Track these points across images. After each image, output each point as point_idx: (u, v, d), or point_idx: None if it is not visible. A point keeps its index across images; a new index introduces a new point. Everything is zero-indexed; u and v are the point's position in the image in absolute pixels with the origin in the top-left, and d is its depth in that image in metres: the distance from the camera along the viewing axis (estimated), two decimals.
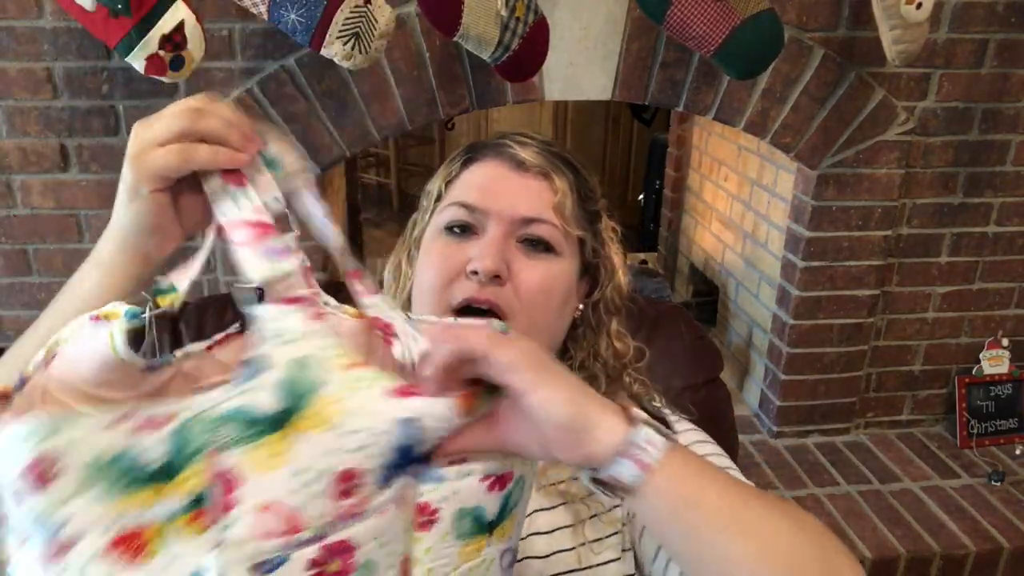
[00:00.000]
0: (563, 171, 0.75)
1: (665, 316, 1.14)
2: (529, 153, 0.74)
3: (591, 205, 0.78)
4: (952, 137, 1.87)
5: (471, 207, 0.72)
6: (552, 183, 0.74)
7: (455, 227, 0.73)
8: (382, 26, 1.35)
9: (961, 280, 2.03)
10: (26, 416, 0.44)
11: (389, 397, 0.49)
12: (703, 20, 1.44)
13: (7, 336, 1.78)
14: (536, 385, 0.47)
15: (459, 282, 0.71)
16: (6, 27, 1.54)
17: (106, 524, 0.44)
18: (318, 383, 0.48)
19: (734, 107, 1.77)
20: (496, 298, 0.70)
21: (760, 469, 1.96)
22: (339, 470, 0.46)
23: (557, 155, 0.76)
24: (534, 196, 0.73)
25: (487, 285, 0.69)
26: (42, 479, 0.43)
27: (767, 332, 2.11)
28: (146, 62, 1.30)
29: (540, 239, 0.73)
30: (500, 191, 0.73)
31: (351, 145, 1.69)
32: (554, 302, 0.74)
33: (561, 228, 0.73)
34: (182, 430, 0.47)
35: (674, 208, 2.91)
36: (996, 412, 2.11)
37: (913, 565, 1.70)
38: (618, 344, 0.81)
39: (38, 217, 1.69)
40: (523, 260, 0.72)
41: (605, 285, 0.80)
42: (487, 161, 0.76)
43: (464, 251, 0.71)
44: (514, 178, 0.73)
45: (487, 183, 0.74)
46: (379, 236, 4.25)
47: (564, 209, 0.73)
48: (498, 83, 1.66)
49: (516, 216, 0.72)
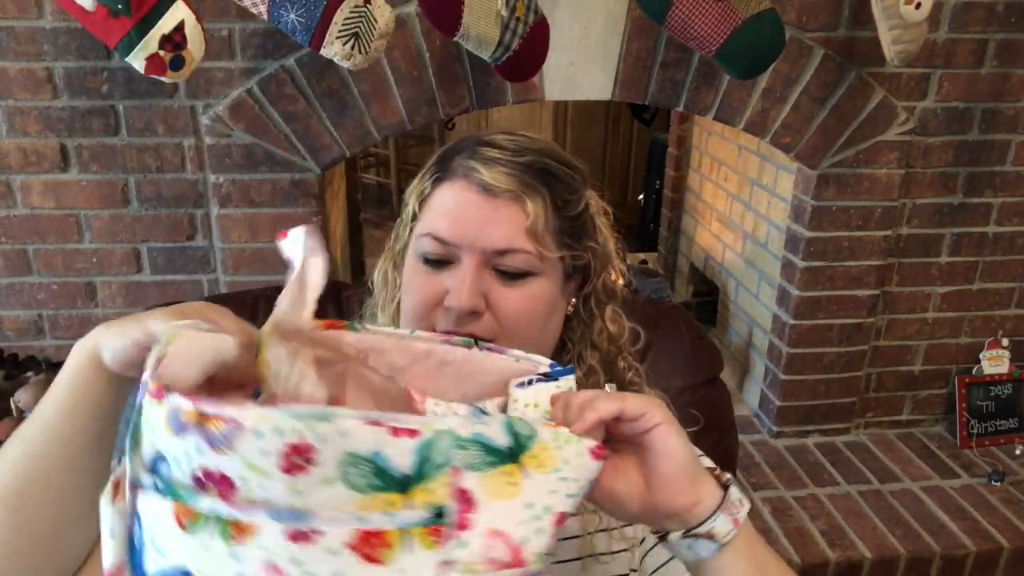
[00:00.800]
0: (535, 188, 0.71)
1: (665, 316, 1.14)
2: (497, 175, 0.70)
3: (572, 208, 0.74)
4: (952, 137, 1.87)
5: (443, 240, 0.70)
6: (523, 206, 0.70)
7: (430, 259, 0.72)
8: (382, 26, 1.35)
9: (961, 280, 2.03)
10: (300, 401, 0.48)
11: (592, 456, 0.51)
12: (704, 20, 1.44)
13: (7, 336, 1.78)
14: (671, 423, 0.54)
15: (439, 312, 0.70)
16: (6, 27, 1.54)
17: (347, 519, 0.44)
18: (535, 431, 0.49)
19: (734, 107, 1.77)
20: (476, 330, 0.69)
21: (760, 469, 1.96)
22: (558, 511, 0.48)
23: (528, 167, 0.71)
24: (504, 224, 0.70)
25: (464, 320, 0.69)
26: (293, 465, 0.42)
27: (767, 332, 2.11)
28: (146, 62, 1.30)
29: (514, 270, 0.71)
30: (469, 221, 0.70)
31: (351, 145, 1.69)
32: (538, 321, 0.73)
33: (536, 252, 0.70)
34: (431, 443, 0.46)
35: (674, 208, 2.91)
36: (996, 412, 2.11)
37: (913, 565, 1.70)
38: (612, 327, 0.80)
39: (38, 217, 1.69)
40: (500, 289, 0.70)
41: (596, 277, 0.78)
42: (455, 183, 0.72)
43: (440, 282, 0.70)
44: (484, 204, 0.70)
45: (456, 212, 0.71)
46: (379, 236, 4.24)
47: (537, 231, 0.70)
48: (498, 83, 1.66)
49: (488, 247, 0.69)
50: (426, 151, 4.74)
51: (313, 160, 1.69)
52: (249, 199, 1.70)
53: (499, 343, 0.68)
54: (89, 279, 1.75)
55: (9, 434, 0.60)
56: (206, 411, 0.43)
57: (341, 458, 0.43)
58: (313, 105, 1.64)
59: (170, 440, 0.44)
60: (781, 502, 1.84)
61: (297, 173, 1.69)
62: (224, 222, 1.72)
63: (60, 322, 1.78)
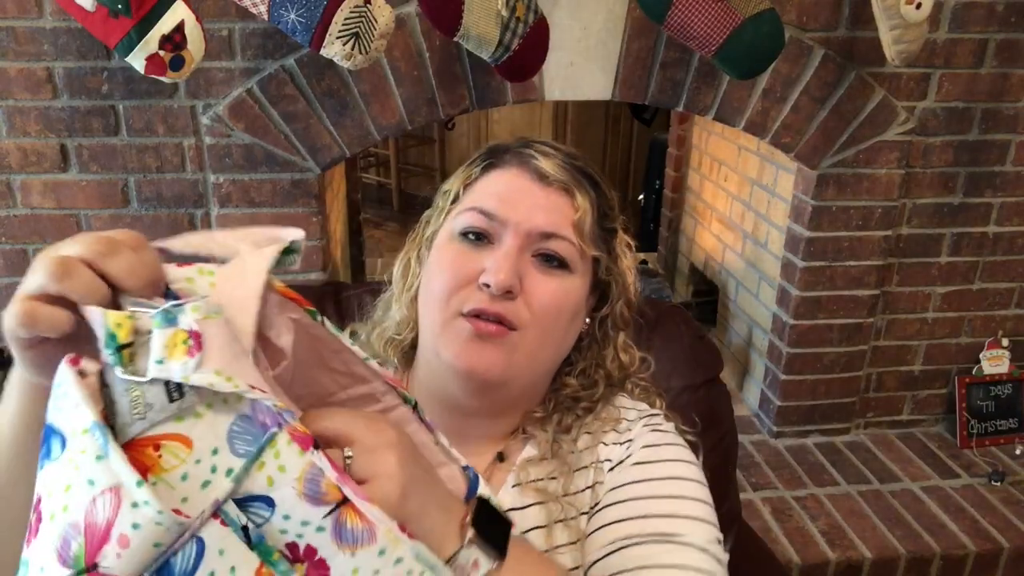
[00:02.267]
0: (585, 188, 0.73)
1: (665, 316, 1.14)
2: (553, 166, 0.72)
3: (609, 223, 0.77)
4: (952, 137, 1.87)
5: (490, 214, 0.71)
6: (573, 199, 0.72)
7: (471, 233, 0.72)
8: (382, 26, 1.35)
9: (961, 280, 2.03)
10: None
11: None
12: (704, 20, 1.44)
13: None
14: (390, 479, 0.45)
15: (470, 290, 0.70)
16: (6, 27, 1.54)
17: None
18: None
19: (734, 107, 1.77)
20: (506, 311, 0.69)
21: (760, 469, 1.96)
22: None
23: (580, 170, 0.74)
24: (554, 211, 0.71)
25: (498, 298, 0.68)
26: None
27: (767, 332, 2.11)
28: (146, 62, 1.30)
29: (556, 255, 0.71)
30: (520, 202, 0.71)
31: (351, 145, 1.69)
32: (564, 318, 0.73)
33: (578, 246, 0.72)
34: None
35: (674, 208, 2.91)
36: (996, 412, 2.11)
37: (913, 565, 1.70)
38: (624, 357, 0.81)
39: (38, 217, 1.69)
40: (536, 275, 0.70)
41: (616, 301, 0.79)
42: (509, 169, 0.74)
43: (478, 260, 0.70)
44: (536, 190, 0.72)
45: (507, 192, 0.72)
46: (379, 236, 4.25)
47: (583, 227, 0.72)
48: (498, 83, 1.66)
49: (535, 229, 0.70)
50: (426, 151, 4.75)
51: (313, 160, 1.69)
52: (249, 199, 1.70)
53: (524, 333, 0.69)
54: None
55: None
56: (350, 498, 0.40)
57: None
58: (313, 105, 1.64)
59: (295, 500, 0.39)
60: (781, 502, 1.84)
61: (297, 173, 1.69)
62: (224, 222, 1.72)
63: None
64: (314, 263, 1.77)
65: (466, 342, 0.69)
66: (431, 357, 0.74)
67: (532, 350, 0.71)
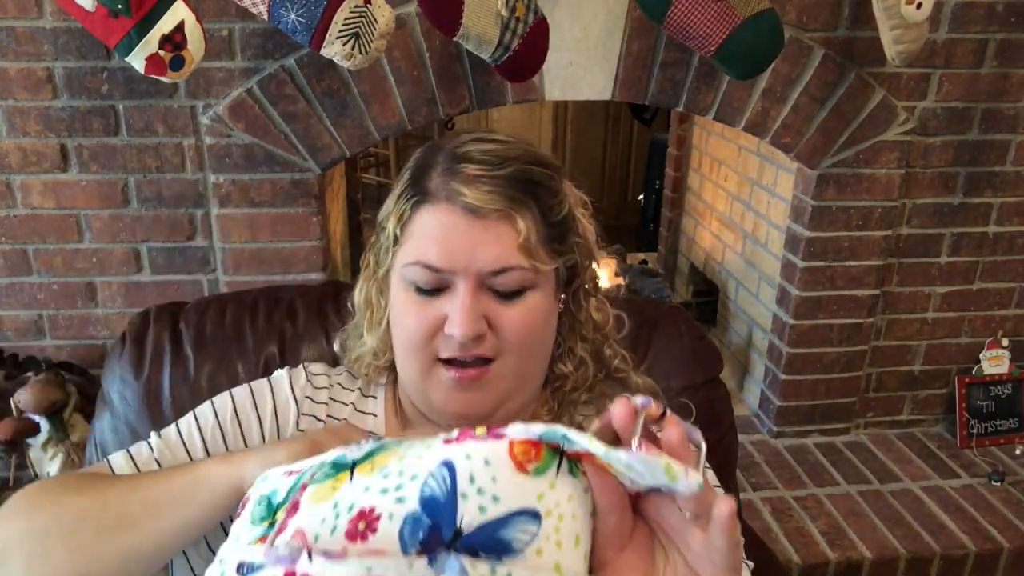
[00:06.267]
0: (521, 202, 0.68)
1: (665, 316, 1.13)
2: (482, 195, 0.67)
3: (557, 213, 0.72)
4: (952, 137, 1.87)
5: (434, 268, 0.68)
6: (514, 223, 0.67)
7: (423, 288, 0.70)
8: (382, 26, 1.35)
9: (961, 280, 2.03)
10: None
11: (443, 444, 0.47)
12: (703, 20, 1.44)
13: (7, 336, 1.78)
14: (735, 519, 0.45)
15: (440, 338, 0.69)
16: (6, 27, 1.54)
17: None
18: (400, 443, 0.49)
19: (734, 107, 1.77)
20: (481, 351, 0.69)
21: (760, 469, 1.96)
22: (359, 508, 0.45)
23: (511, 180, 0.68)
24: (496, 243, 0.67)
25: (469, 345, 0.68)
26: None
27: (767, 332, 2.11)
28: (146, 62, 1.30)
29: (511, 289, 0.69)
30: (460, 246, 0.67)
31: (351, 145, 1.69)
32: (538, 333, 0.73)
33: (531, 267, 0.69)
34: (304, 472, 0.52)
35: (674, 208, 2.91)
36: (996, 412, 2.11)
37: (913, 565, 1.70)
38: (597, 316, 0.80)
39: (38, 217, 1.69)
40: (499, 308, 0.69)
41: (584, 271, 0.78)
42: (439, 206, 0.68)
43: (438, 307, 0.69)
44: (472, 227, 0.67)
45: (444, 238, 0.68)
46: None
47: (530, 246, 0.68)
48: (498, 83, 1.66)
49: (483, 270, 0.68)
50: None
51: (313, 160, 1.69)
52: (249, 199, 1.70)
53: (504, 361, 0.70)
54: (89, 279, 1.75)
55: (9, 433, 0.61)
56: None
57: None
58: (313, 105, 1.64)
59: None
60: (781, 502, 1.84)
61: (297, 173, 1.69)
62: (224, 222, 1.72)
63: (60, 322, 1.78)
64: (314, 263, 1.77)
65: (450, 391, 0.70)
66: (420, 399, 0.75)
67: (516, 372, 0.72)
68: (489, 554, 0.42)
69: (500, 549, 0.43)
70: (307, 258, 1.76)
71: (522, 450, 0.45)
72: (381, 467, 0.48)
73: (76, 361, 1.80)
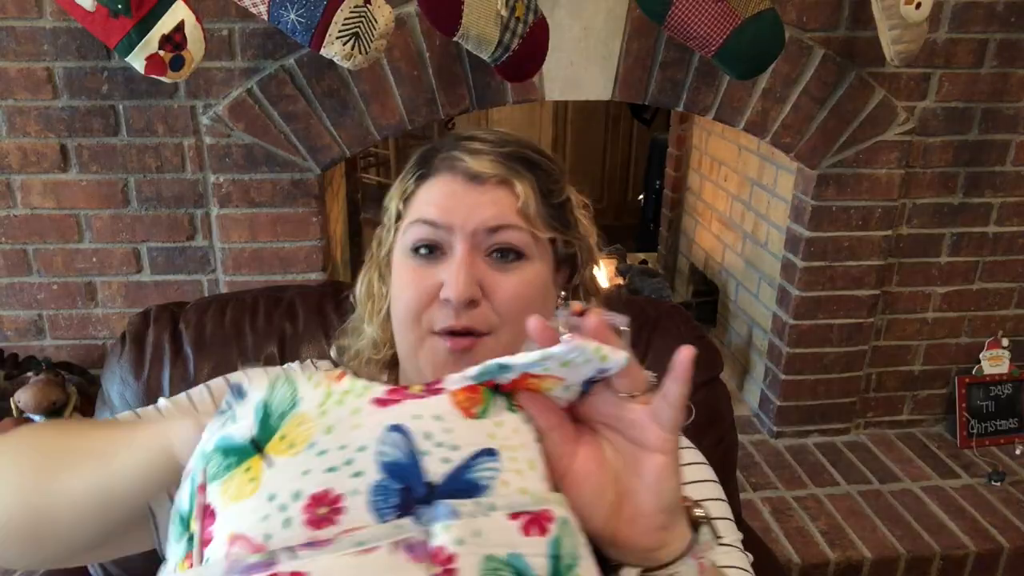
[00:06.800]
0: (522, 173, 0.71)
1: (665, 316, 1.13)
2: (483, 163, 0.70)
3: (556, 197, 0.74)
4: (952, 137, 1.87)
5: (433, 223, 0.70)
6: (513, 188, 0.70)
7: (421, 247, 0.71)
8: (382, 26, 1.35)
9: (961, 280, 2.03)
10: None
11: (377, 407, 0.46)
12: (704, 20, 1.44)
13: (7, 336, 1.78)
14: (673, 458, 0.51)
15: (435, 308, 0.70)
16: (6, 27, 1.54)
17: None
18: (295, 400, 0.46)
19: (734, 107, 1.77)
20: (473, 322, 0.69)
21: (760, 469, 1.96)
22: (308, 494, 0.43)
23: (513, 155, 0.72)
24: (495, 204, 0.70)
25: (462, 312, 0.68)
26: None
27: (767, 332, 2.11)
28: (146, 62, 1.30)
29: (509, 247, 0.70)
30: (459, 205, 0.70)
31: (351, 145, 1.69)
32: (533, 308, 0.71)
33: (528, 231, 0.70)
34: (192, 472, 0.47)
35: (674, 208, 2.91)
36: (996, 412, 2.11)
37: (913, 565, 1.70)
38: None
39: (38, 217, 1.69)
40: (495, 275, 0.70)
41: (584, 268, 0.78)
42: (441, 176, 0.72)
43: (434, 274, 0.70)
44: (472, 190, 0.70)
45: (444, 199, 0.71)
46: None
47: (529, 212, 0.70)
48: (498, 83, 1.66)
49: (480, 226, 0.69)
50: None
51: (313, 160, 1.69)
52: (249, 199, 1.70)
53: (497, 334, 0.69)
54: (89, 279, 1.75)
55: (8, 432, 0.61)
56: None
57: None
58: (313, 105, 1.64)
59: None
60: (781, 502, 1.84)
61: (297, 173, 1.69)
62: (224, 222, 1.72)
63: (60, 322, 1.78)
64: (314, 263, 1.77)
65: (444, 361, 0.70)
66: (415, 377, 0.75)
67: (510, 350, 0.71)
68: (464, 496, 0.45)
69: (472, 489, 0.45)
70: (307, 258, 1.76)
71: (464, 397, 0.49)
72: (307, 443, 0.44)
73: (76, 361, 1.80)
